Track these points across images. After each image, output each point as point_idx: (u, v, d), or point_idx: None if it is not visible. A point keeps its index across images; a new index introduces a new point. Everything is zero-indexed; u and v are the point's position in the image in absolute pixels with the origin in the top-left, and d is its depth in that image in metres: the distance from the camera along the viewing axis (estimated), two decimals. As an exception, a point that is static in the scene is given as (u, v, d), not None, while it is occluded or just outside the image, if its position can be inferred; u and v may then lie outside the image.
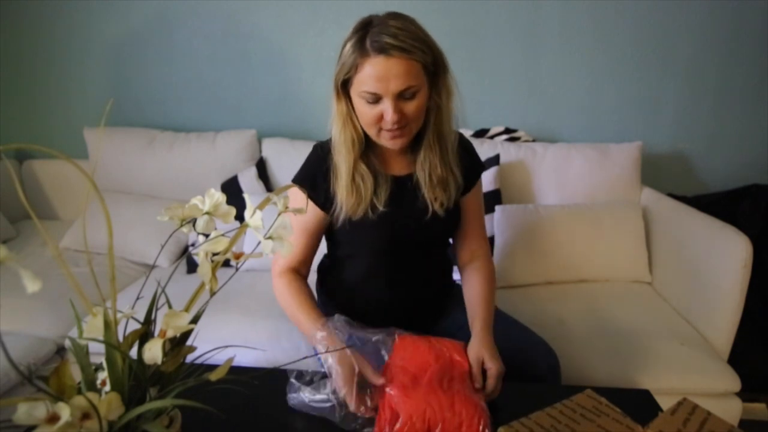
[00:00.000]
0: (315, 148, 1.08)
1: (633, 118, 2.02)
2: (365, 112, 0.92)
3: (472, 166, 1.10)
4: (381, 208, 0.99)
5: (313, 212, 1.03)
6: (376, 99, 0.90)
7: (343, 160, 0.98)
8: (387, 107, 0.89)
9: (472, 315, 1.04)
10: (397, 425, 0.76)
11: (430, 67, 0.92)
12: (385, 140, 0.95)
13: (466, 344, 0.95)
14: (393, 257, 1.07)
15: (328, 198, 1.02)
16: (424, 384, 0.81)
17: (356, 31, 0.90)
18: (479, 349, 0.92)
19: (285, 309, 1.05)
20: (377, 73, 0.87)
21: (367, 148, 1.00)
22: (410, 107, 0.91)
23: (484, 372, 0.90)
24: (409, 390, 0.80)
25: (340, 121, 0.97)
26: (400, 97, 0.90)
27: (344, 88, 0.95)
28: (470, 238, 1.14)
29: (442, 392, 0.80)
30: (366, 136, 0.98)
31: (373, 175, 1.00)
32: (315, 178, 1.03)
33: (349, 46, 0.90)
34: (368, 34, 0.88)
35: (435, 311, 1.17)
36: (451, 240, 1.18)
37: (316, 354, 0.89)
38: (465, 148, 1.09)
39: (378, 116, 0.91)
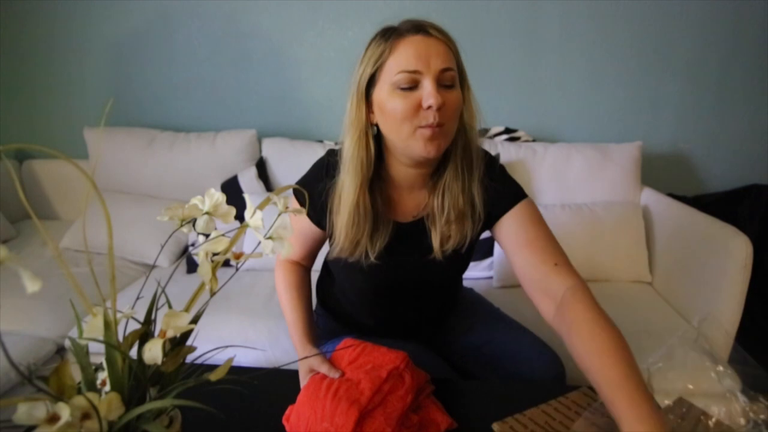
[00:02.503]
0: (324, 157, 0.95)
1: (633, 118, 2.02)
2: (397, 105, 0.77)
3: (502, 193, 0.90)
4: (373, 259, 0.88)
5: (310, 226, 0.97)
6: (413, 82, 0.77)
7: (350, 180, 0.84)
8: (428, 88, 0.76)
9: (600, 385, 0.66)
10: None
11: (460, 71, 0.83)
12: (422, 141, 0.79)
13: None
14: (387, 299, 1.00)
15: (330, 223, 0.91)
16: (322, 389, 0.80)
17: (378, 33, 0.82)
18: None
19: (280, 301, 1.03)
20: (416, 50, 0.77)
21: (373, 186, 0.87)
22: (451, 97, 0.78)
23: None
24: (309, 392, 0.80)
25: (356, 133, 0.83)
26: (440, 83, 0.78)
27: (367, 92, 0.82)
28: (546, 275, 0.82)
29: (331, 401, 0.76)
30: (376, 165, 0.86)
31: (373, 219, 0.87)
32: (315, 195, 0.91)
33: (373, 44, 0.81)
34: (397, 26, 0.81)
35: (440, 320, 1.14)
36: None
37: (316, 353, 0.89)
38: (493, 174, 0.92)
39: (415, 106, 0.77)
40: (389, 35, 0.80)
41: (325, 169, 0.91)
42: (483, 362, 1.09)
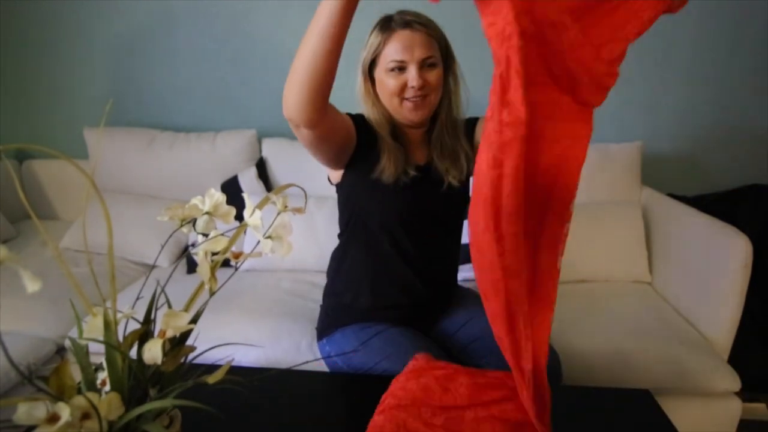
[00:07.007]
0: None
1: (633, 118, 2.02)
2: (390, 83, 1.02)
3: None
4: (411, 172, 1.07)
5: (350, 126, 1.04)
6: (401, 67, 1.01)
7: (380, 129, 1.09)
8: (412, 73, 1.01)
9: None
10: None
11: (443, 50, 1.06)
12: (408, 110, 1.04)
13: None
14: (410, 231, 1.10)
15: (374, 152, 1.06)
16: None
17: (378, 23, 1.05)
18: None
19: (304, 42, 0.93)
20: (403, 43, 1.00)
21: (396, 132, 1.10)
22: (431, 76, 1.03)
23: None
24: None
25: (369, 101, 1.09)
26: (422, 66, 1.01)
27: (370, 71, 1.07)
28: None
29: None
30: (391, 119, 1.09)
31: (404, 152, 1.09)
32: (365, 124, 1.09)
33: (374, 33, 1.04)
34: (391, 20, 1.03)
35: (441, 302, 1.19)
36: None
37: (318, 358, 0.89)
38: (475, 123, 1.18)
39: (402, 85, 1.02)
40: (385, 29, 1.03)
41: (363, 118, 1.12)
42: (482, 354, 1.11)
